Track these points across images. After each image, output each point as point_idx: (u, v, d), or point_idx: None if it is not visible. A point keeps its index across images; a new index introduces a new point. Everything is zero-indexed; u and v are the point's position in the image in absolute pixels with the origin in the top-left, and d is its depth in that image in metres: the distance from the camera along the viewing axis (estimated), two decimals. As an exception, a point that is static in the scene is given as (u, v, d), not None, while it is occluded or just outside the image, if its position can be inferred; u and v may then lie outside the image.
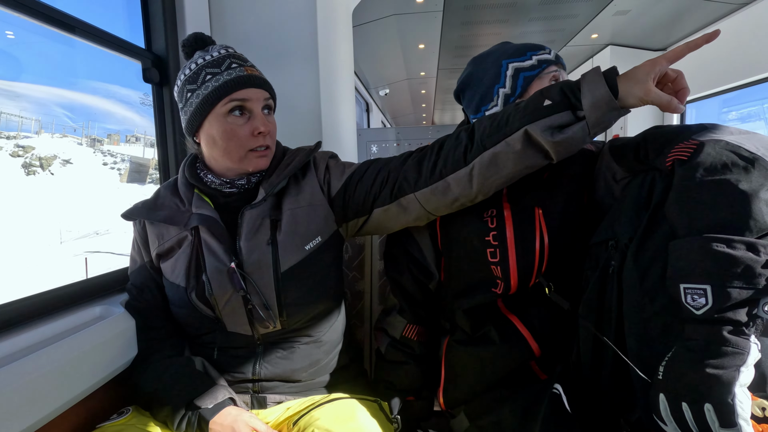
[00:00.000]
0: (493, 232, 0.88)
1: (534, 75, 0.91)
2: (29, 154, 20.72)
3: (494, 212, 0.89)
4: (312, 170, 0.92)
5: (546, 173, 0.92)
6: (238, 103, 0.80)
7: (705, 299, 0.53)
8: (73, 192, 19.03)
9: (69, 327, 0.81)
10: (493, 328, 0.90)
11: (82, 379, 0.74)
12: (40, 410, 0.66)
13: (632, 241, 0.66)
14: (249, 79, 0.81)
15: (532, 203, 0.87)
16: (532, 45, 0.94)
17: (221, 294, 0.82)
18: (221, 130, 0.81)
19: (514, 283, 0.87)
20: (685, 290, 0.55)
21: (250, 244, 0.83)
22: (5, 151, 19.89)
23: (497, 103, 0.94)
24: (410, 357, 1.00)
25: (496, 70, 0.94)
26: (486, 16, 3.98)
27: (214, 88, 0.79)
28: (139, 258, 0.91)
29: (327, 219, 0.89)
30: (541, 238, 0.85)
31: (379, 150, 4.13)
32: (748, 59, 3.68)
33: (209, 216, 0.84)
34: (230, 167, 0.85)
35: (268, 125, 0.83)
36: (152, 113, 1.30)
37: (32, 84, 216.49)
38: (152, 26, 1.27)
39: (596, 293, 0.72)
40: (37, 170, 21.13)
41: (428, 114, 9.68)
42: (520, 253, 0.86)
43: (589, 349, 0.72)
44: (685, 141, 0.63)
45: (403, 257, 1.02)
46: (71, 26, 0.98)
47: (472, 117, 1.01)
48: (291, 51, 1.43)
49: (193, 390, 0.78)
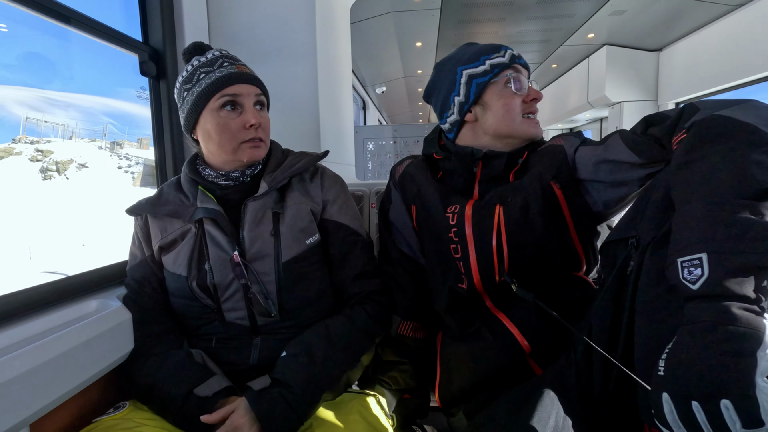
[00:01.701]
0: (454, 228, 0.89)
1: (486, 81, 0.90)
2: (47, 158, 20.41)
3: (457, 208, 0.90)
4: (318, 181, 0.97)
5: (512, 172, 0.92)
6: (230, 98, 0.85)
7: (701, 269, 0.46)
8: (78, 199, 18.67)
9: (65, 320, 0.81)
10: (482, 326, 0.90)
11: (78, 372, 0.74)
12: (36, 403, 0.65)
13: (654, 241, 0.61)
14: (239, 76, 0.86)
15: (494, 200, 0.87)
16: (489, 47, 0.93)
17: (222, 282, 0.84)
18: (215, 124, 0.85)
19: (476, 279, 0.88)
20: (682, 264, 0.49)
21: (252, 235, 0.86)
22: (24, 156, 19.63)
23: (454, 111, 0.94)
24: (406, 355, 1.01)
25: (452, 78, 0.94)
26: (483, 14, 3.99)
27: (207, 85, 0.84)
28: (140, 253, 0.92)
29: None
30: (498, 235, 0.85)
31: (376, 147, 4.12)
32: (742, 60, 3.72)
33: (214, 209, 0.87)
34: (226, 160, 0.89)
35: (259, 118, 0.87)
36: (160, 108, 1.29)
37: (80, 94, 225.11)
38: (149, 19, 1.26)
39: (612, 295, 0.69)
40: (54, 174, 20.85)
41: (424, 112, 9.68)
42: (478, 250, 0.87)
43: (599, 352, 0.70)
44: (683, 127, 0.63)
45: (395, 253, 1.04)
46: (66, 17, 0.97)
47: (439, 122, 1.02)
48: (289, 46, 1.42)
49: (193, 380, 0.78)
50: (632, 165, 0.77)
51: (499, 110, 0.90)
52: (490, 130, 0.92)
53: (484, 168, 0.93)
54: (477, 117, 0.93)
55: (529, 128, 0.93)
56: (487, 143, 0.94)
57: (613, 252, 0.72)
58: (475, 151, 0.92)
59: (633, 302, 0.64)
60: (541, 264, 0.87)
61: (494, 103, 0.91)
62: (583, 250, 0.92)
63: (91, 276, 0.96)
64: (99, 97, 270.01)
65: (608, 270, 0.72)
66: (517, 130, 0.91)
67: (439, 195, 0.94)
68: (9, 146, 18.58)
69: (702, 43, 4.26)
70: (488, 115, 0.91)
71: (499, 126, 0.91)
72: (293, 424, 0.73)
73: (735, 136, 0.53)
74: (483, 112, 0.92)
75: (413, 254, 1.03)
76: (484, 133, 0.93)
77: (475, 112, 0.93)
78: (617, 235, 0.72)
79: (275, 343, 0.86)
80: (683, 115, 0.65)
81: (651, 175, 0.76)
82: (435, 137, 1.04)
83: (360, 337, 0.88)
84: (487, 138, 0.94)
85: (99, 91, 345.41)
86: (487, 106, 0.92)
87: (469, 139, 0.96)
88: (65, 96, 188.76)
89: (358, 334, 0.88)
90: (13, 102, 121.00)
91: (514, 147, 0.94)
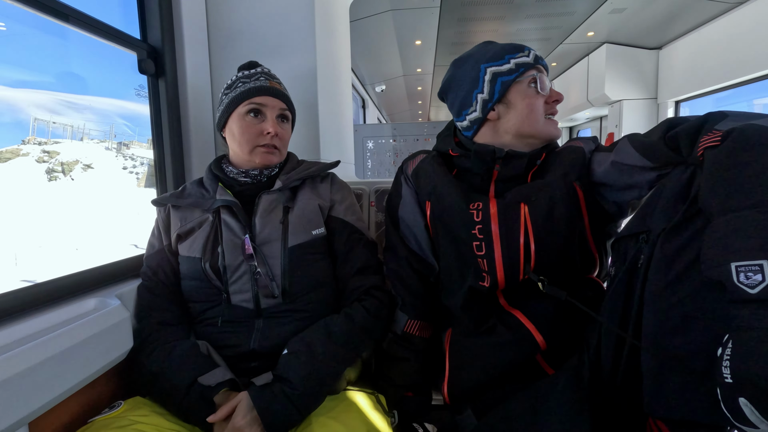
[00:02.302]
0: (478, 225, 0.89)
1: (512, 80, 0.90)
2: (53, 159, 20.20)
3: (480, 205, 0.90)
4: (329, 183, 1.08)
5: (530, 173, 0.93)
6: (256, 107, 0.97)
7: (761, 275, 0.48)
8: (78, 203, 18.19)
9: (63, 319, 0.80)
10: (498, 322, 0.90)
11: (77, 371, 0.73)
12: (34, 402, 0.65)
13: (663, 232, 0.63)
14: (268, 89, 0.98)
15: (518, 199, 0.87)
16: (512, 47, 0.93)
17: (233, 262, 0.91)
18: (238, 126, 0.97)
19: (500, 277, 0.87)
20: (737, 268, 0.50)
21: (263, 221, 0.95)
22: (31, 157, 19.37)
23: (476, 108, 0.94)
24: (411, 353, 1.00)
25: (475, 75, 0.93)
26: (483, 12, 3.98)
27: (239, 92, 0.97)
28: (158, 243, 1.00)
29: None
30: (526, 234, 0.85)
31: (375, 146, 4.12)
32: (741, 58, 3.71)
33: (231, 200, 0.96)
34: (244, 159, 1.00)
35: (276, 128, 0.97)
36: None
37: (97, 96, 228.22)
38: (148, 17, 1.25)
39: (623, 288, 0.70)
40: (59, 176, 20.63)
41: (424, 110, 9.67)
42: (505, 248, 0.87)
43: (611, 344, 0.71)
44: (712, 131, 0.62)
45: (403, 251, 1.03)
46: (65, 14, 0.97)
47: (455, 120, 1.01)
48: (288, 44, 1.42)
49: (198, 370, 0.81)
50: (643, 168, 0.78)
51: (523, 110, 0.91)
52: (512, 129, 0.92)
53: (503, 167, 0.93)
54: (499, 115, 0.93)
55: (551, 129, 0.93)
56: (508, 142, 0.94)
57: (624, 248, 0.73)
58: (497, 150, 0.91)
59: (642, 294, 0.65)
60: (564, 264, 0.87)
61: (518, 103, 0.91)
62: (597, 252, 0.93)
63: (90, 274, 0.96)
64: (114, 99, 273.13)
65: (619, 265, 0.72)
66: (539, 130, 0.92)
67: (459, 192, 0.93)
68: (17, 147, 18.55)
69: (702, 41, 4.26)
70: (511, 114, 0.92)
71: (522, 126, 0.91)
72: (294, 418, 0.76)
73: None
74: (506, 110, 0.92)
75: (422, 252, 1.02)
76: (506, 132, 0.93)
77: (498, 111, 0.93)
78: (628, 231, 0.73)
79: (276, 327, 0.90)
80: (709, 119, 0.66)
81: (660, 177, 0.76)
82: (450, 134, 1.04)
83: (360, 334, 0.91)
84: (508, 137, 0.94)
85: (114, 93, 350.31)
86: (510, 104, 0.92)
87: (488, 138, 0.95)
88: (82, 98, 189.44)
89: (358, 331, 0.90)
90: (30, 104, 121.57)
91: (533, 147, 0.94)
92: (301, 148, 1.43)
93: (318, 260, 0.98)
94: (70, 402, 0.78)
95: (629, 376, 0.68)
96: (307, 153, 1.45)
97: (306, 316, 0.92)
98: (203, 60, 1.40)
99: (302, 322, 0.91)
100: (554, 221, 0.85)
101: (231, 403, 0.76)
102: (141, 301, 0.94)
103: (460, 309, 0.94)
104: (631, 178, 0.81)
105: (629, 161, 0.79)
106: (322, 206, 1.01)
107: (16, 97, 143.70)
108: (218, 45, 1.43)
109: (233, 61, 1.41)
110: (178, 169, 1.31)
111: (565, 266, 0.88)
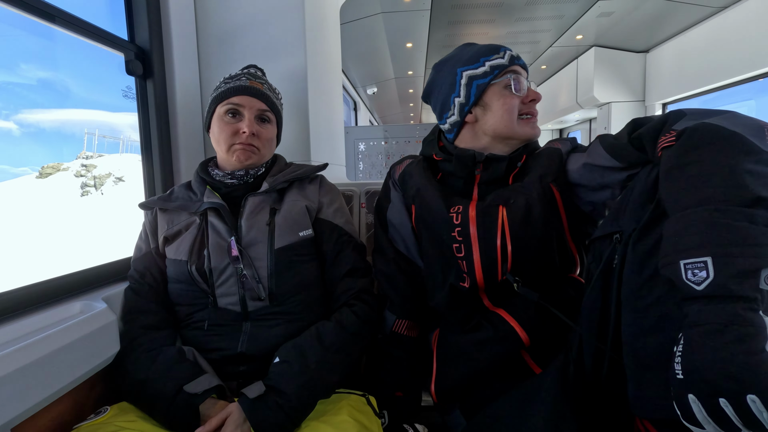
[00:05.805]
0: (458, 228, 0.90)
1: (486, 82, 0.91)
2: (89, 173, 19.45)
3: (460, 209, 0.91)
4: (317, 185, 1.07)
5: (511, 175, 0.94)
6: (233, 107, 0.97)
7: (706, 272, 0.49)
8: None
9: (48, 323, 0.79)
10: (482, 320, 0.91)
11: (61, 375, 0.72)
12: (17, 407, 0.64)
13: (634, 232, 0.64)
14: (246, 89, 0.97)
15: (496, 202, 0.89)
16: (488, 49, 0.93)
17: (219, 265, 0.91)
18: (218, 126, 0.98)
19: (479, 278, 0.89)
20: (685, 266, 0.51)
21: (249, 223, 0.94)
22: (70, 172, 18.62)
23: (454, 111, 0.95)
24: (400, 351, 1.01)
25: (452, 79, 0.94)
26: (473, 15, 4.01)
27: (219, 93, 0.98)
28: (145, 246, 0.99)
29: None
30: (503, 236, 0.87)
31: (367, 148, 4.11)
32: (727, 61, 3.78)
33: (218, 202, 0.95)
34: (225, 159, 1.00)
35: (253, 128, 0.97)
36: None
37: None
38: (135, 17, 1.24)
39: (599, 288, 0.71)
40: (91, 190, 19.86)
41: (416, 112, 9.70)
42: (482, 250, 0.88)
43: (591, 349, 0.72)
44: (670, 131, 0.64)
45: (391, 252, 1.04)
46: (51, 15, 0.96)
47: (438, 123, 1.03)
48: (278, 45, 1.41)
49: (183, 378, 0.79)
50: (613, 169, 0.80)
51: (498, 111, 0.91)
52: (489, 131, 0.93)
53: (485, 171, 0.94)
54: (477, 118, 0.94)
55: (528, 129, 0.94)
56: (487, 144, 0.95)
57: (599, 248, 0.74)
58: (477, 154, 0.93)
59: (619, 295, 0.66)
60: (542, 264, 0.88)
61: (494, 104, 0.92)
62: (577, 251, 0.95)
63: (75, 277, 0.94)
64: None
65: (595, 265, 0.73)
66: (516, 130, 0.92)
67: (440, 195, 0.94)
68: (58, 162, 18.10)
69: (688, 44, 4.33)
70: (488, 116, 0.92)
71: (498, 127, 0.92)
72: (287, 429, 0.76)
73: (726, 145, 0.56)
74: (483, 113, 0.93)
75: (409, 254, 1.04)
76: (484, 134, 0.94)
77: (475, 113, 0.94)
78: (602, 231, 0.74)
79: (264, 329, 0.89)
80: (669, 119, 0.67)
81: (631, 177, 0.78)
82: (434, 138, 1.05)
83: (351, 341, 0.90)
84: (486, 139, 0.95)
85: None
86: (487, 107, 0.92)
87: (468, 140, 0.97)
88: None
89: (349, 338, 0.90)
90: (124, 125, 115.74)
91: (513, 147, 0.95)
92: (291, 149, 1.42)
93: (305, 262, 0.97)
94: (54, 407, 0.77)
95: (613, 376, 0.68)
96: (297, 154, 1.45)
97: (294, 318, 0.92)
98: (192, 61, 1.39)
99: (290, 325, 0.91)
100: (531, 223, 0.86)
101: (221, 414, 0.75)
102: (127, 304, 0.93)
103: (445, 308, 0.96)
104: (603, 179, 0.83)
105: (600, 162, 0.82)
106: (309, 208, 1.01)
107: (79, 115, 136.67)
108: (207, 46, 1.42)
109: (222, 62, 1.41)
110: (167, 171, 1.30)
111: (544, 266, 0.89)
